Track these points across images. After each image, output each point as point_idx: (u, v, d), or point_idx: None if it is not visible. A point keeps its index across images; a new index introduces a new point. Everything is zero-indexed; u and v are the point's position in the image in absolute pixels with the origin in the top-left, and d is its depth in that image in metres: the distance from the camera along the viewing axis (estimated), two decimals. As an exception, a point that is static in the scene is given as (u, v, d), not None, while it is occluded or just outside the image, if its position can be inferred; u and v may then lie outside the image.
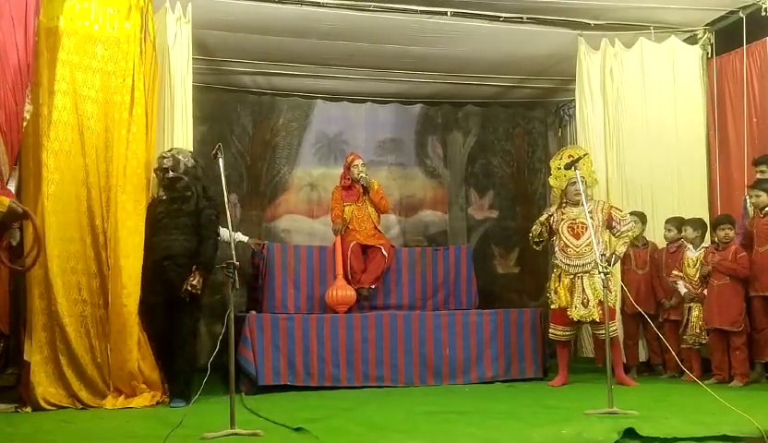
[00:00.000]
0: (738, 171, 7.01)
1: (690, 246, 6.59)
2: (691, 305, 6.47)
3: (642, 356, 7.05)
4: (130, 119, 5.60)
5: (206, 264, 5.54)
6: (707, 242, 6.59)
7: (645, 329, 6.83)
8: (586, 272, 6.15)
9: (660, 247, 7.00)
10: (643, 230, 6.97)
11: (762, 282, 6.00)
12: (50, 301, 5.28)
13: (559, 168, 6.46)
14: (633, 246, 6.81)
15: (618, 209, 6.47)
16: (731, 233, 6.18)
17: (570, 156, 6.36)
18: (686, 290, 6.49)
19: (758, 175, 6.31)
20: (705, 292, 6.33)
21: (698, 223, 6.63)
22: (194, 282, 5.44)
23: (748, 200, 6.40)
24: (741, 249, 6.17)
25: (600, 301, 5.97)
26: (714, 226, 6.40)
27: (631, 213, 6.74)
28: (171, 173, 5.56)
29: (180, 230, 5.51)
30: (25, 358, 5.24)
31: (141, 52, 5.68)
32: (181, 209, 5.56)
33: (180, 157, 5.63)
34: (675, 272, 6.60)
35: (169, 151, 5.66)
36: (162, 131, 5.89)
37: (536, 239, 6.62)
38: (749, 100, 6.90)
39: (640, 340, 7.00)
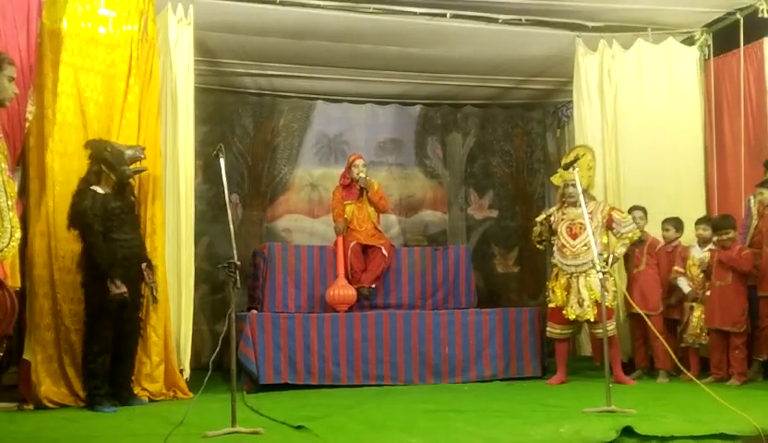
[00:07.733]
0: (734, 171, 7.03)
1: (696, 246, 6.55)
2: (693, 304, 6.44)
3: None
4: (121, 122, 5.61)
5: None
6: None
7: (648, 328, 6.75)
8: (582, 272, 6.18)
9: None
10: (643, 225, 6.70)
11: (770, 282, 5.99)
12: (55, 301, 5.31)
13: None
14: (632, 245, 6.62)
15: (620, 211, 6.46)
16: (731, 234, 6.15)
17: (576, 155, 6.38)
18: (689, 288, 6.43)
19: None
20: (708, 293, 6.27)
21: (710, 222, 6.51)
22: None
23: (752, 199, 6.36)
24: (745, 247, 6.19)
25: (596, 301, 6.02)
26: (715, 231, 6.30)
27: (634, 208, 6.65)
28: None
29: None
30: (24, 357, 5.25)
31: (137, 55, 5.68)
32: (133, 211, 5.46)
33: None
34: (676, 268, 6.55)
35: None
36: (165, 132, 5.90)
37: (537, 239, 6.68)
38: (746, 101, 6.92)
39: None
